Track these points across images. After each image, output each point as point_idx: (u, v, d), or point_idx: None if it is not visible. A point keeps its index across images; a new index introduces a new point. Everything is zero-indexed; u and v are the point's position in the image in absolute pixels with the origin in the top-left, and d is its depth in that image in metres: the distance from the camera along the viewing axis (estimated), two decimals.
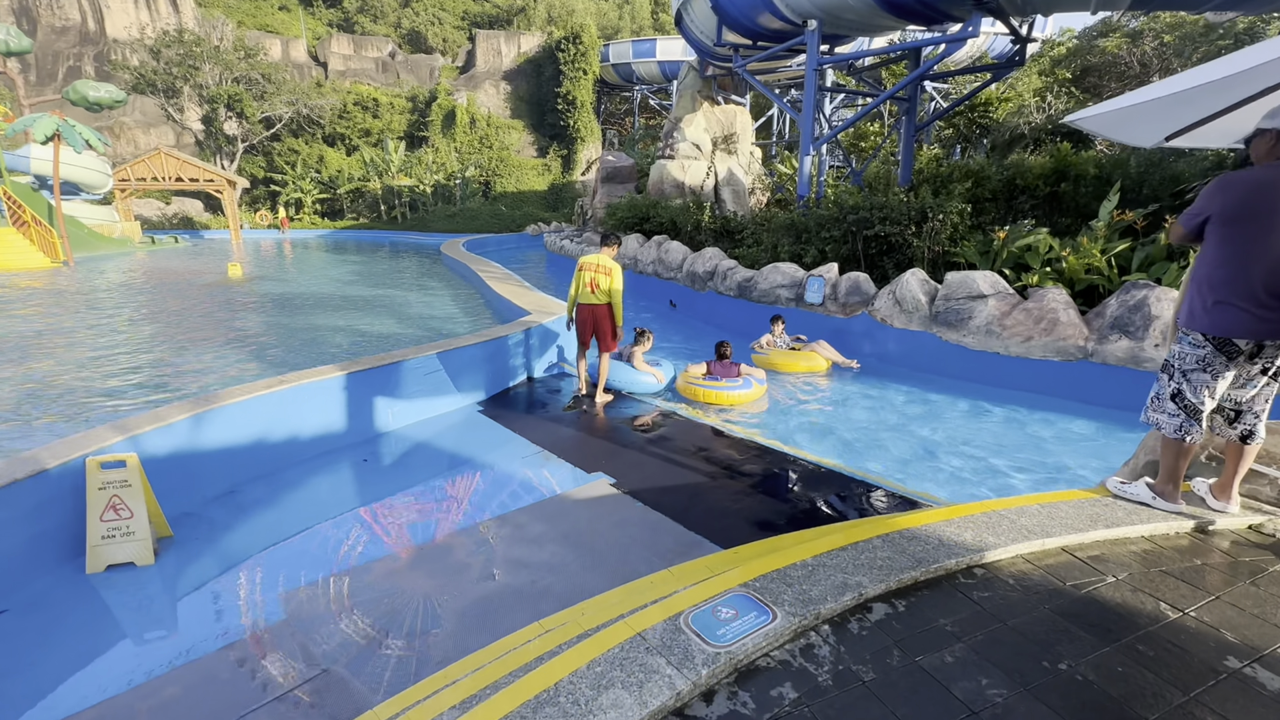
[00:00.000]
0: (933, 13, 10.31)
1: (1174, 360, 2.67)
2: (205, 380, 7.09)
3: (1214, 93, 2.77)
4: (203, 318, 10.83)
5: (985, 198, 10.63)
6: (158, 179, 27.76)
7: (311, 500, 4.25)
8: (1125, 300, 6.10)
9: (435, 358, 5.68)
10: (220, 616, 3.04)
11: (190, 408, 4.00)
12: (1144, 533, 2.66)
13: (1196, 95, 2.73)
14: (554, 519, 3.88)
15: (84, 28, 41.11)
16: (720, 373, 6.47)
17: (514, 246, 26.98)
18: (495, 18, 49.94)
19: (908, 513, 2.86)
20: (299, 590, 3.23)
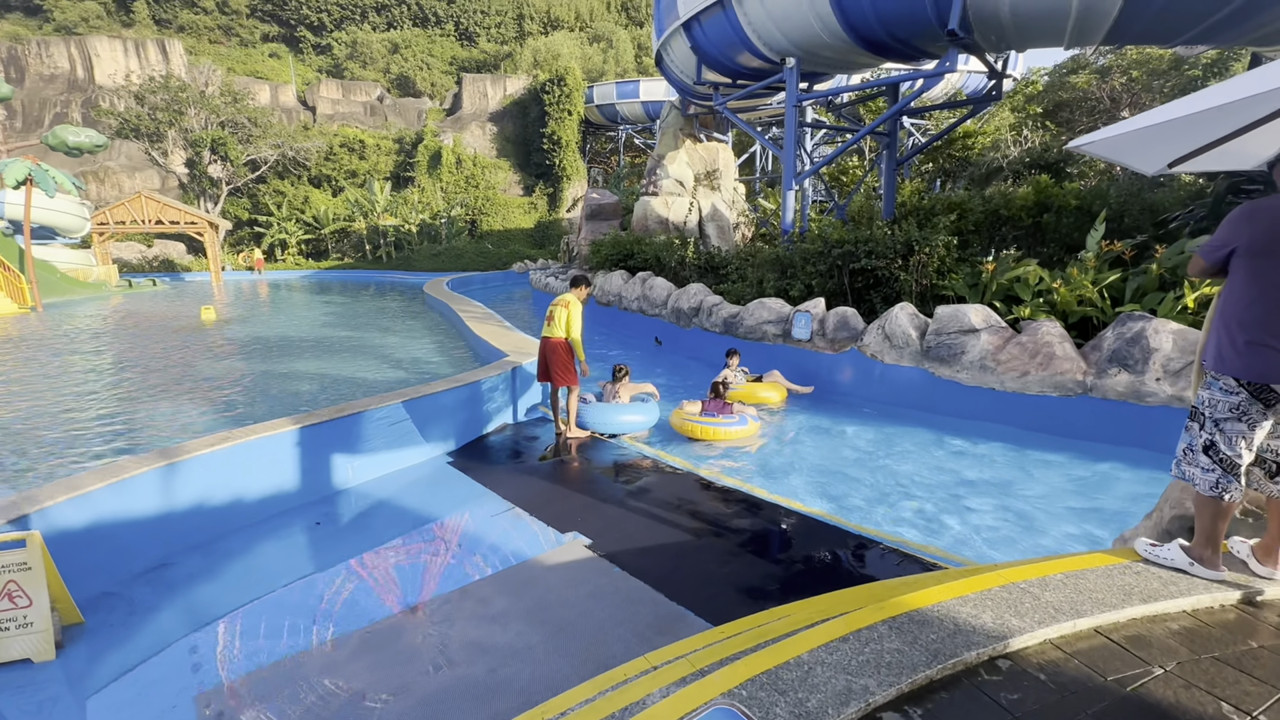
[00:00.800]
0: (908, 49, 10.41)
1: (1204, 408, 2.38)
2: (156, 434, 6.64)
3: (1220, 117, 2.56)
4: (167, 365, 10.38)
5: (969, 229, 10.58)
6: (138, 222, 27.49)
7: (252, 572, 3.83)
8: (1122, 333, 5.89)
9: (401, 406, 5.31)
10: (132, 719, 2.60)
11: (113, 473, 3.60)
12: (1185, 607, 2.33)
13: (1202, 120, 2.52)
14: (521, 590, 3.48)
15: (72, 75, 41.46)
16: (715, 409, 6.36)
17: (499, 284, 26.83)
18: (482, 62, 51.09)
19: (915, 588, 2.51)
20: (220, 688, 2.80)
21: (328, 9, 53.14)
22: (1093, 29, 8.50)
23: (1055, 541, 4.23)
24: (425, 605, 3.40)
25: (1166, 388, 5.51)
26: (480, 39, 55.04)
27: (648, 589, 3.46)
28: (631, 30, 53.03)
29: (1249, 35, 8.24)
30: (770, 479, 5.30)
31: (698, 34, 12.02)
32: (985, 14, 8.54)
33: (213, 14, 51.58)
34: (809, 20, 9.91)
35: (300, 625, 3.26)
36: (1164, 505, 2.97)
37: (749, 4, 10.45)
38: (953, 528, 4.40)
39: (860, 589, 2.81)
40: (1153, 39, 9.02)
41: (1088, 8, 7.93)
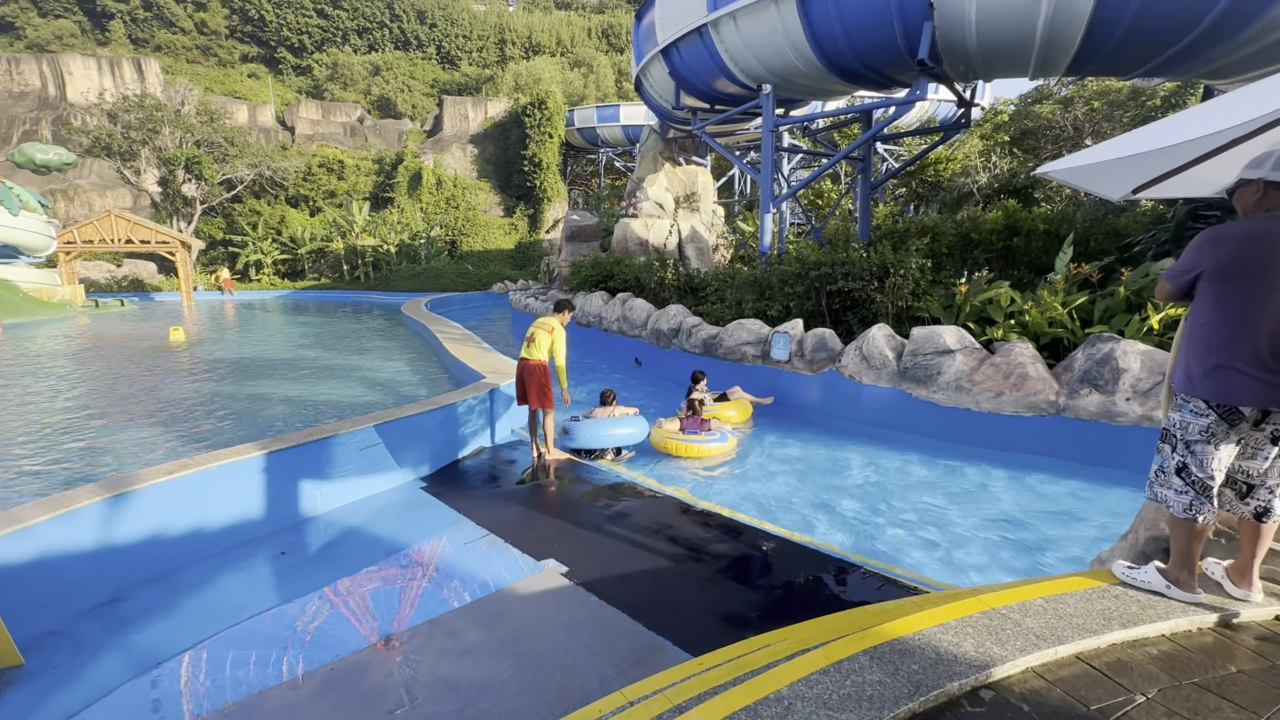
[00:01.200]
0: (880, 77, 10.70)
1: (1175, 430, 2.40)
2: (116, 461, 6.38)
3: (1181, 146, 2.64)
4: (131, 388, 10.05)
5: (942, 252, 10.80)
6: (107, 241, 26.88)
7: (211, 606, 3.64)
8: (1092, 354, 6.00)
9: (373, 430, 5.18)
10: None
11: (60, 504, 3.42)
12: (1164, 631, 2.31)
13: (1165, 148, 2.59)
14: (494, 622, 3.36)
15: (43, 93, 40.75)
16: (695, 427, 6.50)
17: (479, 305, 26.67)
18: (464, 85, 51.48)
19: (896, 615, 2.47)
20: None
21: (309, 31, 53.24)
22: (1055, 61, 8.84)
23: (1033, 561, 4.23)
24: (393, 639, 3.26)
25: (1136, 407, 5.61)
26: (462, 62, 55.51)
27: (625, 618, 3.37)
28: (612, 56, 53.93)
29: (1201, 69, 8.63)
30: (748, 501, 5.24)
31: (676, 60, 12.24)
32: (953, 45, 8.83)
33: (191, 34, 51.33)
34: (784, 49, 10.15)
35: (261, 662, 3.10)
36: (1139, 526, 2.98)
37: (726, 32, 10.67)
38: (931, 549, 4.38)
39: (840, 616, 2.75)
40: (1112, 71, 9.40)
41: (1050, 40, 8.24)
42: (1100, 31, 7.90)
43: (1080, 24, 7.81)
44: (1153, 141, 2.53)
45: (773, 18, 9.81)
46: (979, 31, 8.43)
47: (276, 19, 52.36)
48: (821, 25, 9.45)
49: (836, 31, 9.39)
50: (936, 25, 8.52)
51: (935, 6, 8.32)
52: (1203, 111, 2.52)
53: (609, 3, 66.98)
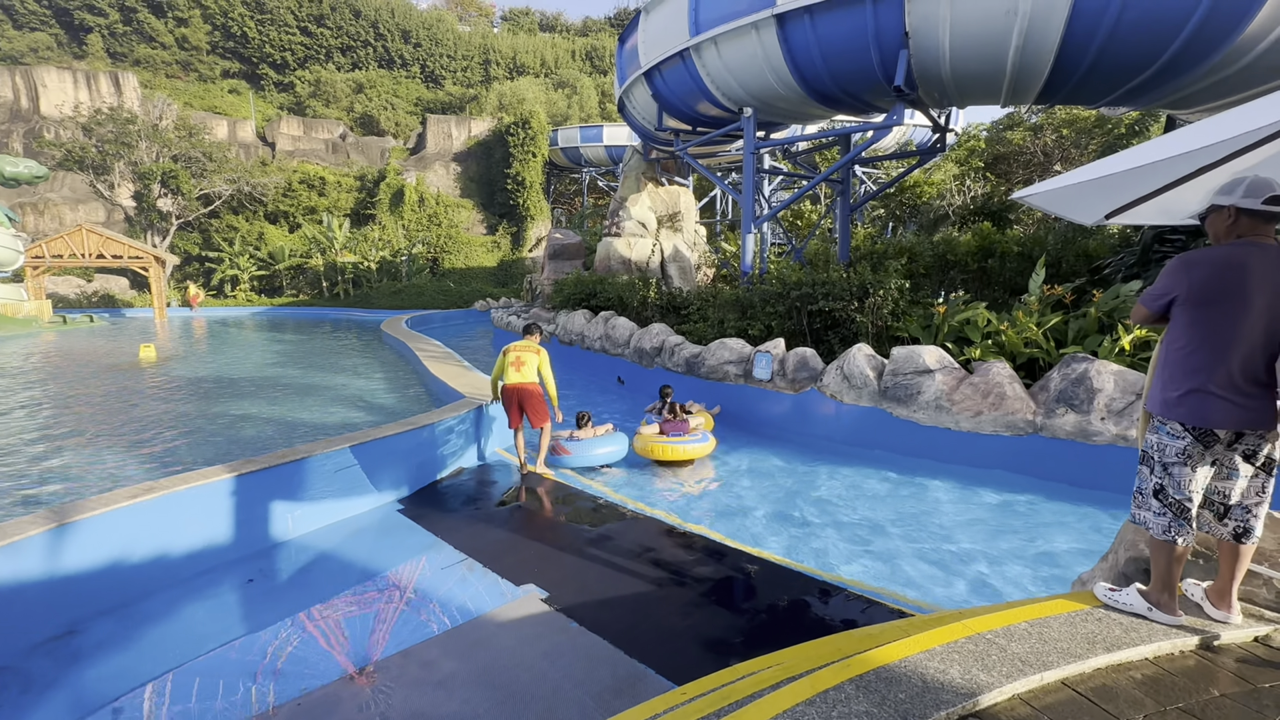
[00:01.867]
0: (858, 103, 10.96)
1: (1152, 452, 2.42)
2: (72, 486, 6.14)
3: (1150, 174, 2.71)
4: (95, 408, 9.74)
5: (920, 273, 11.00)
6: (77, 256, 26.26)
7: (173, 637, 3.48)
8: (1067, 374, 6.10)
9: (348, 451, 5.05)
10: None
11: (10, 531, 3.25)
12: (1147, 654, 2.31)
13: (1135, 175, 2.66)
14: (471, 651, 3.26)
15: (16, 105, 40.00)
16: (677, 429, 6.71)
17: (461, 322, 26.47)
18: (447, 104, 51.65)
19: (881, 640, 2.43)
20: None
21: (291, 48, 53.11)
22: (1025, 89, 9.13)
23: (1013, 581, 4.23)
24: (366, 670, 3.14)
25: (1111, 427, 5.69)
26: (446, 81, 55.74)
27: (607, 645, 3.29)
28: (595, 78, 54.60)
29: (1163, 99, 8.98)
30: (728, 521, 5.19)
31: (659, 83, 12.41)
32: (928, 72, 9.08)
33: (171, 49, 50.88)
34: (764, 73, 10.35)
35: (227, 695, 2.95)
36: (1119, 547, 3.00)
37: (708, 56, 10.86)
38: (914, 569, 4.36)
39: (825, 642, 2.71)
40: (1080, 100, 9.74)
41: (1021, 70, 8.51)
42: (1068, 63, 8.19)
43: (1049, 55, 8.09)
44: (1122, 165, 2.59)
45: (753, 43, 10.02)
46: (953, 60, 8.69)
47: (259, 35, 52.20)
48: (801, 51, 9.66)
49: (815, 58, 9.61)
50: (912, 53, 8.76)
51: (910, 35, 8.57)
52: (1170, 140, 2.59)
53: (593, 25, 68.06)
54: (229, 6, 51.08)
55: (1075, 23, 7.64)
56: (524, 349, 6.33)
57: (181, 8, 50.21)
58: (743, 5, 9.85)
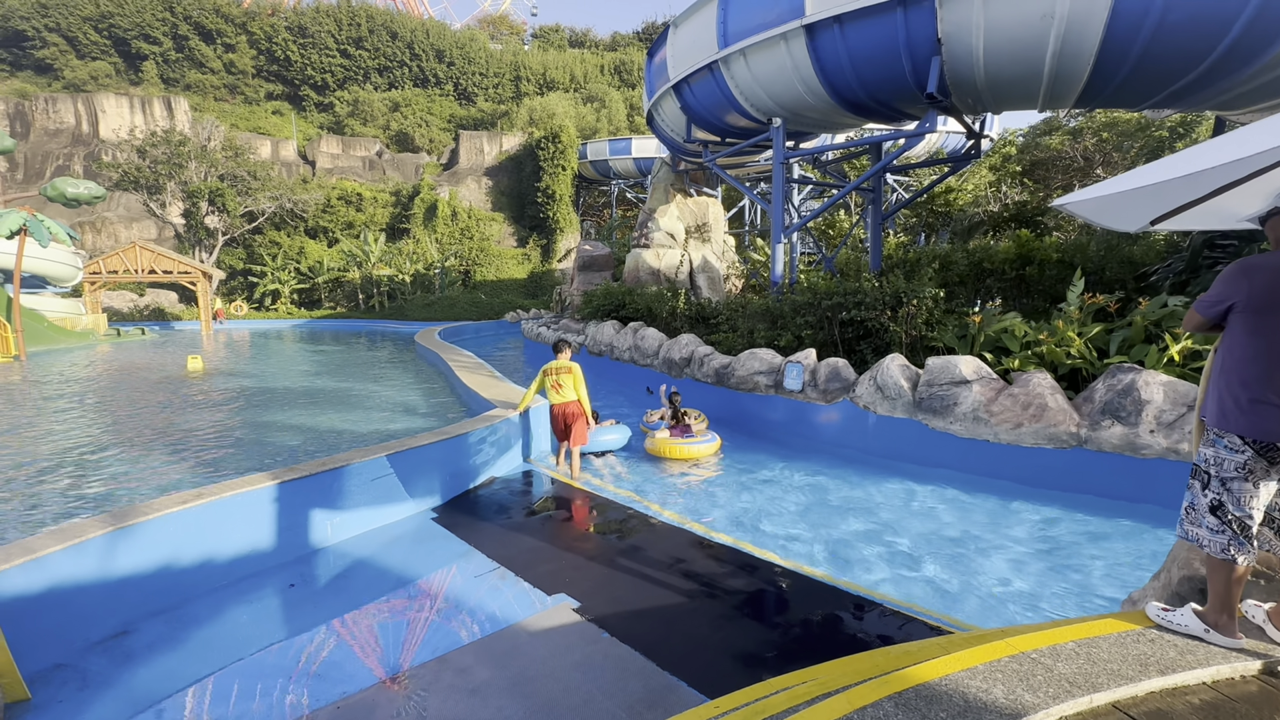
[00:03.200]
0: (889, 111, 10.84)
1: (1208, 467, 2.32)
2: (129, 490, 6.41)
3: (1200, 180, 2.61)
4: (146, 416, 10.16)
5: (954, 281, 10.77)
6: (131, 271, 27.56)
7: (218, 639, 3.60)
8: (1112, 385, 5.89)
9: (385, 460, 5.17)
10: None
11: (71, 534, 3.42)
12: (1205, 678, 2.20)
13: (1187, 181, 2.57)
14: (504, 660, 3.29)
15: (77, 130, 42.43)
16: (683, 432, 7.42)
17: (492, 334, 26.88)
18: (479, 120, 52.84)
19: (920, 657, 2.37)
20: None
21: (332, 70, 55.14)
22: (1064, 93, 8.91)
23: (1059, 600, 4.08)
24: (401, 676, 3.19)
25: (1161, 440, 5.47)
26: (478, 99, 57.08)
27: (638, 656, 3.28)
28: (624, 91, 55.25)
29: (1211, 100, 8.66)
30: (757, 533, 5.14)
31: (687, 95, 12.50)
32: (962, 78, 8.94)
33: (220, 74, 53.35)
34: (794, 84, 10.34)
35: (266, 697, 3.04)
36: (1172, 566, 2.87)
37: (736, 68, 10.90)
38: (953, 586, 4.25)
39: (862, 657, 2.66)
40: (1121, 103, 9.46)
41: (1058, 74, 8.32)
42: (1108, 65, 7.97)
43: (1088, 58, 7.88)
44: (1175, 173, 2.50)
45: (782, 54, 10.02)
46: (987, 66, 8.54)
47: (301, 59, 54.36)
48: (830, 61, 9.62)
49: (845, 67, 9.56)
50: (944, 60, 8.65)
51: (943, 41, 8.46)
52: (1223, 142, 2.50)
53: (621, 40, 68.98)
54: (273, 32, 53.39)
55: (1115, 25, 7.43)
56: (560, 370, 6.60)
57: (230, 34, 52.69)
58: (771, 16, 9.87)
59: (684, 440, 7.24)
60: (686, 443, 7.19)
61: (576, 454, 6.59)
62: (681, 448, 7.16)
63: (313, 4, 56.37)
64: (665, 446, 7.22)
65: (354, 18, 55.17)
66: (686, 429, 7.45)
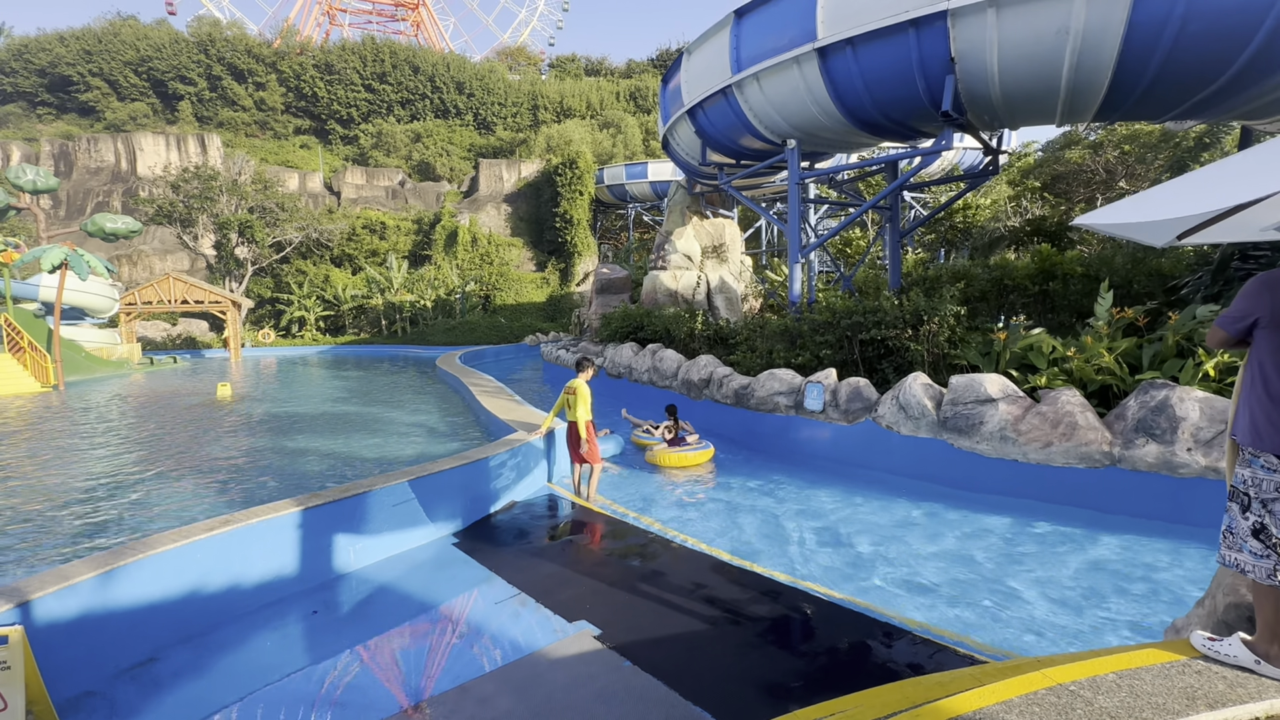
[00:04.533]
0: (904, 129, 10.85)
1: (1246, 489, 2.24)
2: (159, 517, 6.53)
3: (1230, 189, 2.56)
4: (177, 443, 10.40)
5: (975, 298, 10.62)
6: (165, 301, 28.46)
7: (243, 666, 3.62)
8: (1145, 401, 5.72)
9: (407, 485, 5.21)
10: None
11: (106, 561, 3.49)
12: (1259, 713, 2.09)
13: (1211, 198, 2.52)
14: (525, 689, 3.25)
15: (117, 168, 44.32)
16: (678, 443, 8.18)
17: (511, 357, 27.12)
18: (498, 148, 54.07)
19: (953, 689, 2.29)
20: None
21: (356, 104, 57.05)
22: (1083, 108, 8.84)
23: (1096, 628, 3.92)
24: (423, 704, 3.17)
25: (1200, 458, 5.28)
26: (497, 127, 58.49)
27: (660, 686, 3.22)
28: (639, 117, 56.18)
29: (1236, 110, 8.52)
30: (778, 558, 5.04)
31: (702, 119, 12.66)
32: (977, 95, 8.93)
33: (250, 111, 55.52)
34: (807, 106, 10.42)
35: None
36: (1216, 592, 2.75)
37: (750, 92, 11.03)
38: (984, 613, 4.11)
39: (893, 688, 2.58)
40: (1142, 115, 9.35)
41: (1075, 88, 8.26)
42: (1127, 78, 7.90)
43: (1106, 71, 7.83)
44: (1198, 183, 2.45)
45: (795, 76, 10.12)
46: (1002, 82, 8.52)
47: (328, 94, 56.39)
48: (844, 81, 9.69)
49: (859, 87, 9.62)
50: (959, 77, 8.66)
51: (956, 60, 8.48)
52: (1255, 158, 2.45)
53: (636, 67, 70.33)
54: (302, 70, 55.55)
55: (1132, 38, 7.38)
56: (568, 389, 6.73)
57: (260, 73, 54.93)
58: (784, 41, 10.00)
59: (683, 449, 8.02)
60: (685, 451, 7.98)
61: (590, 471, 6.61)
62: (681, 455, 7.92)
63: (339, 43, 58.60)
64: (665, 456, 7.94)
65: (378, 54, 57.18)
66: (682, 440, 8.23)
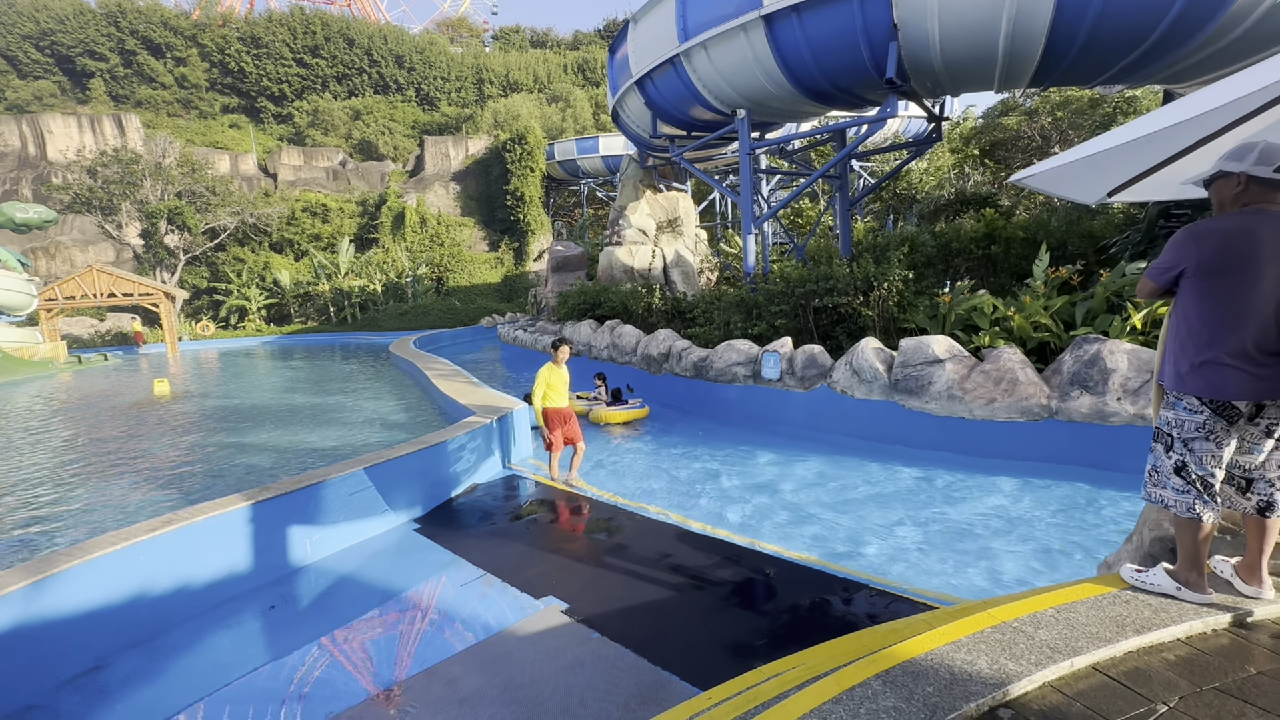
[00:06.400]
0: (850, 97, 10.96)
1: (1169, 429, 2.39)
2: (93, 521, 6.19)
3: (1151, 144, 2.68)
4: (114, 445, 9.85)
5: (922, 263, 10.94)
6: (89, 296, 26.67)
7: (199, 668, 3.49)
8: (1079, 355, 6.04)
9: (363, 473, 5.07)
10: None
11: (36, 569, 3.29)
12: (1179, 635, 2.26)
13: (1135, 148, 2.63)
14: (494, 667, 3.25)
15: (24, 153, 40.86)
16: (619, 403, 9.44)
17: (468, 340, 26.61)
18: (444, 125, 52.17)
19: (906, 634, 2.40)
20: None
21: (288, 80, 53.93)
22: (1018, 74, 9.10)
23: (1038, 568, 4.17)
24: (391, 690, 3.13)
25: (1128, 407, 5.62)
26: (441, 103, 56.36)
27: (629, 654, 3.26)
28: (588, 90, 55.03)
29: (1158, 75, 8.92)
30: (742, 526, 5.16)
31: (651, 90, 12.48)
32: (919, 63, 9.07)
33: (171, 89, 51.81)
34: (755, 74, 10.39)
35: None
36: (1143, 528, 2.95)
37: (698, 61, 10.92)
38: (936, 563, 4.32)
39: (850, 638, 2.68)
40: (1073, 80, 9.69)
41: (1012, 55, 8.49)
42: (1059, 45, 8.16)
43: (1039, 39, 8.06)
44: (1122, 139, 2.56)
45: (742, 45, 10.06)
46: (943, 49, 8.68)
47: (256, 69, 53.06)
48: (790, 50, 9.69)
49: (805, 55, 9.64)
50: (902, 45, 8.77)
51: (899, 27, 8.58)
52: (1169, 110, 2.56)
53: (583, 39, 68.68)
54: (225, 44, 52.01)
55: (1064, 5, 7.62)
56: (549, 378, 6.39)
57: (180, 48, 51.19)
58: (730, 8, 9.90)
59: (621, 407, 9.29)
60: (623, 409, 9.25)
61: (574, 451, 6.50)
62: (620, 413, 9.17)
63: (265, 13, 55.02)
64: (608, 415, 9.11)
65: (308, 26, 54.01)
66: (619, 399, 9.52)
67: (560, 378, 6.38)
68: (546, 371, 6.37)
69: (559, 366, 6.44)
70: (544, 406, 6.34)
